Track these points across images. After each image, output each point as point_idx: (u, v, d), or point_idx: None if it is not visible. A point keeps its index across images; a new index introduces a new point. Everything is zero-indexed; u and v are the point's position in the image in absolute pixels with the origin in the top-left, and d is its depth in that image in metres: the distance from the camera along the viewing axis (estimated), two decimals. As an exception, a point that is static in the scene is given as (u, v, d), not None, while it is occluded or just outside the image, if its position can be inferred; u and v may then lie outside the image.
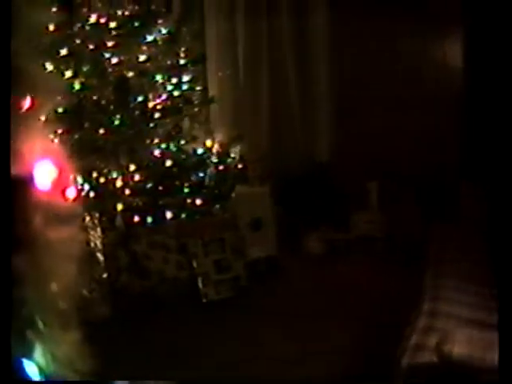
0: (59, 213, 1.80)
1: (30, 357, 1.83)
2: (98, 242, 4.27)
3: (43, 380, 1.81)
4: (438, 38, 5.80)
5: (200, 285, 4.47)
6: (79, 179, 4.53)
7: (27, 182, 1.74)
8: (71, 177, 1.99)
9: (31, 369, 1.82)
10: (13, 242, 1.63)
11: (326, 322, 3.98)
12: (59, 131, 4.56)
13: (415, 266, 3.79)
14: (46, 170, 1.84)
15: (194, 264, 4.51)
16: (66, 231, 1.78)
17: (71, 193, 1.91)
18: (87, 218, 4.27)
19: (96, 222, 4.30)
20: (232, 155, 5.16)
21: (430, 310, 2.57)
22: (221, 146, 5.14)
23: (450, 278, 2.94)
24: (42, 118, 1.87)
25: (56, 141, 2.53)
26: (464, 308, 2.61)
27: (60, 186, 1.86)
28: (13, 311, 1.73)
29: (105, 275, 4.24)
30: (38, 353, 1.84)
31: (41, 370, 1.84)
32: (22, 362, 1.81)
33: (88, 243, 4.22)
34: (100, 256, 4.27)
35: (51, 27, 4.71)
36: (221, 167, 5.05)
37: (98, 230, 4.29)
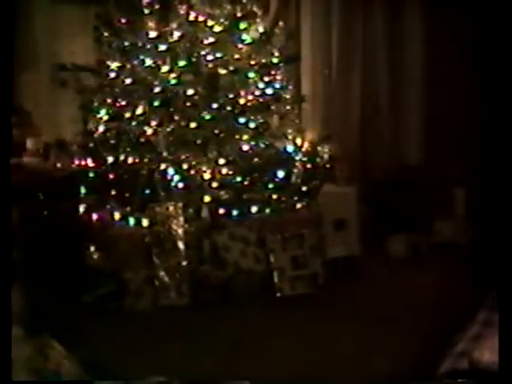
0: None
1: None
2: (180, 231, 4.44)
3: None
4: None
5: (275, 279, 4.56)
6: (170, 170, 4.77)
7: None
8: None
9: None
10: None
11: (393, 325, 3.99)
12: (153, 123, 4.85)
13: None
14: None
15: (272, 258, 4.61)
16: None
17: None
18: (171, 208, 4.45)
19: (180, 211, 4.47)
20: (320, 154, 5.24)
21: (484, 319, 2.57)
22: (310, 144, 5.23)
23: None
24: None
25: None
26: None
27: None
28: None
29: (184, 263, 4.41)
30: None
31: None
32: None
33: (170, 232, 4.40)
34: (181, 245, 4.44)
35: (150, 24, 5.01)
36: (309, 166, 5.14)
37: (181, 219, 4.46)
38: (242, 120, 4.93)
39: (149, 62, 4.94)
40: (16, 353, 2.29)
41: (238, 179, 4.82)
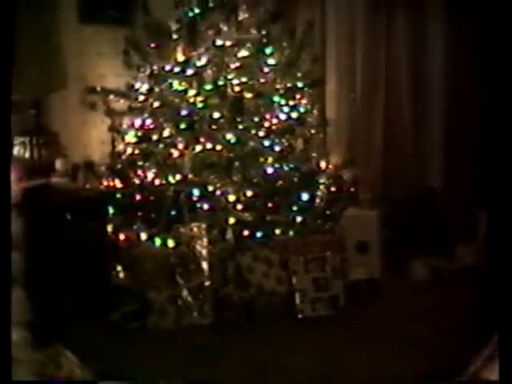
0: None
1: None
2: (204, 252, 4.51)
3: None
4: None
5: (297, 300, 4.61)
6: (196, 191, 4.86)
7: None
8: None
9: None
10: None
11: (413, 347, 4.00)
12: (179, 146, 4.95)
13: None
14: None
15: (294, 280, 4.67)
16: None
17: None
18: (195, 229, 4.53)
19: (204, 232, 4.55)
20: (344, 177, 5.30)
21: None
22: (334, 167, 5.30)
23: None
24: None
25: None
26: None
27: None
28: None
29: (208, 283, 4.48)
30: None
31: None
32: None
33: (194, 252, 4.48)
34: (205, 265, 4.51)
35: (178, 48, 5.13)
36: (332, 189, 5.21)
37: (205, 240, 4.54)
38: (266, 143, 5.01)
39: (176, 85, 5.07)
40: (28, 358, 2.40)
41: (263, 201, 4.89)
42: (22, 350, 2.44)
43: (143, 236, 4.81)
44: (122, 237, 4.88)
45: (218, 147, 4.87)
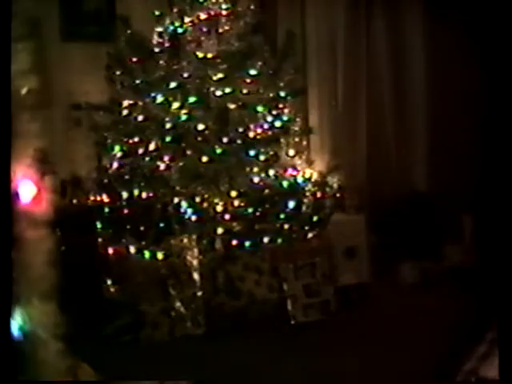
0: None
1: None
2: (195, 263, 4.55)
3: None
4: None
5: (289, 307, 4.67)
6: (183, 203, 4.89)
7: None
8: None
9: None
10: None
11: (403, 349, 4.07)
12: (166, 158, 4.97)
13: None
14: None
15: (285, 287, 4.71)
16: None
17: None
18: (185, 240, 4.56)
19: (194, 243, 4.58)
20: (330, 184, 5.34)
21: (492, 338, 2.66)
22: (319, 174, 5.35)
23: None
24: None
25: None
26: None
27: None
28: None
29: (200, 293, 4.51)
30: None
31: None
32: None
33: (185, 263, 4.51)
34: (196, 275, 4.55)
35: (162, 62, 5.16)
36: (318, 195, 5.25)
37: (195, 251, 4.58)
38: (252, 153, 5.04)
39: (160, 99, 5.10)
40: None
41: (250, 211, 4.92)
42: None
43: (132, 249, 4.84)
44: (111, 251, 4.90)
45: (204, 158, 4.92)
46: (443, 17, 6.07)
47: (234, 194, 4.91)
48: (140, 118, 5.09)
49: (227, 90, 5.08)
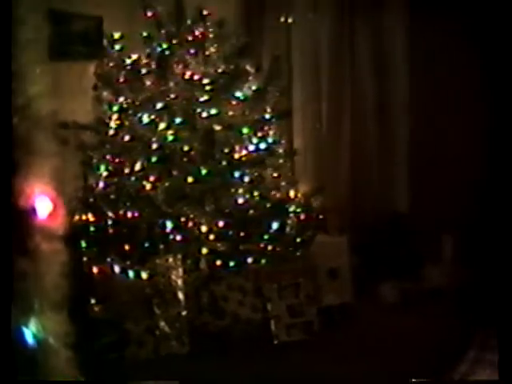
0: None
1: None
2: (180, 282, 4.59)
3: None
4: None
5: (272, 327, 4.71)
6: (169, 223, 4.93)
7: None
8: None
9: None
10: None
11: (385, 368, 4.12)
12: (151, 178, 5.02)
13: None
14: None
15: (268, 307, 4.76)
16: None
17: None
18: (170, 259, 4.60)
19: (179, 263, 4.62)
20: (313, 205, 5.41)
21: (474, 357, 2.72)
22: (303, 196, 5.41)
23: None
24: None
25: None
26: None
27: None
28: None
29: (184, 313, 4.55)
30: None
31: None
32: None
33: (170, 282, 4.55)
34: (181, 295, 4.58)
35: (148, 82, 5.22)
36: (302, 217, 5.32)
37: (181, 270, 4.62)
38: (237, 174, 5.11)
39: (146, 119, 5.15)
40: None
41: (235, 231, 4.98)
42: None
43: (117, 269, 4.86)
44: (95, 270, 4.92)
45: (190, 179, 4.97)
46: (429, 34, 6.18)
47: (218, 214, 4.98)
48: (126, 137, 5.16)
49: (213, 112, 5.15)
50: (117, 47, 5.27)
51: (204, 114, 5.10)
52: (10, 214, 2.57)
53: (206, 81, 5.17)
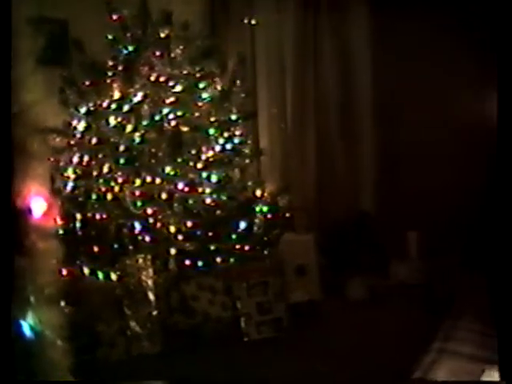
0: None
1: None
2: (150, 282, 4.63)
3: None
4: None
5: (242, 324, 4.79)
6: (137, 225, 4.96)
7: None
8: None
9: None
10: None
11: (354, 363, 4.20)
12: (119, 180, 5.04)
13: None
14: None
15: (238, 305, 4.83)
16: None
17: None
18: (140, 260, 4.64)
19: (149, 263, 4.66)
20: (280, 204, 5.48)
21: (439, 347, 2.82)
22: (270, 195, 5.47)
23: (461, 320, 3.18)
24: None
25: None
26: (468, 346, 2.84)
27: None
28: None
29: (155, 313, 4.59)
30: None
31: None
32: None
33: (140, 283, 4.59)
34: (151, 295, 4.63)
35: (114, 85, 5.24)
36: (269, 216, 5.38)
37: (150, 270, 4.66)
38: (204, 174, 5.17)
39: (113, 122, 5.17)
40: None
41: (203, 231, 5.03)
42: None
43: (86, 270, 4.88)
44: (64, 272, 4.93)
45: (158, 180, 5.01)
46: (392, 36, 6.30)
47: (186, 214, 5.03)
48: (94, 140, 5.18)
49: (179, 113, 5.21)
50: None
51: (171, 116, 5.16)
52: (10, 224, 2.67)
53: (171, 83, 5.24)
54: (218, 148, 5.27)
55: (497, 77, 2.63)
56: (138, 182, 5.01)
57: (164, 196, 5.00)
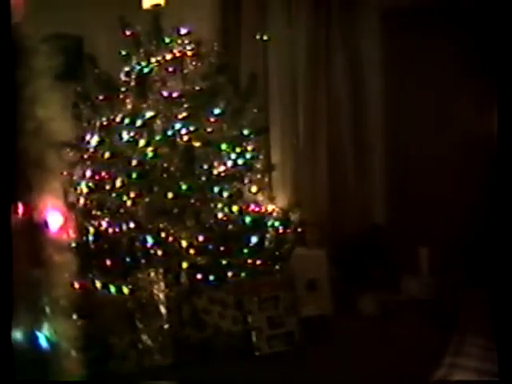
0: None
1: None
2: (162, 296, 4.66)
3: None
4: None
5: (254, 339, 4.80)
6: (149, 238, 4.99)
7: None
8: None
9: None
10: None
11: (365, 377, 4.22)
12: (132, 194, 5.08)
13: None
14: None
15: (249, 319, 4.85)
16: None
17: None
18: (152, 274, 4.67)
19: (160, 277, 4.69)
20: (291, 219, 5.50)
21: (449, 362, 2.82)
22: (281, 210, 5.50)
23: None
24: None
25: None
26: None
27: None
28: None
29: (166, 326, 4.62)
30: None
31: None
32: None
33: (152, 296, 4.62)
34: (163, 308, 4.65)
35: (128, 100, 5.30)
36: (280, 230, 5.40)
37: (162, 284, 4.68)
38: (216, 189, 5.20)
39: (126, 136, 5.22)
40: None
41: (214, 246, 5.05)
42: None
43: (98, 284, 4.91)
44: (77, 285, 4.96)
45: (170, 195, 5.05)
46: (404, 50, 6.37)
47: (198, 229, 5.05)
48: (106, 155, 5.23)
49: (192, 129, 5.25)
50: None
51: (183, 131, 5.20)
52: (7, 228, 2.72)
53: (184, 98, 5.29)
54: (229, 163, 5.32)
55: None
56: (150, 196, 5.06)
57: (176, 210, 5.06)
